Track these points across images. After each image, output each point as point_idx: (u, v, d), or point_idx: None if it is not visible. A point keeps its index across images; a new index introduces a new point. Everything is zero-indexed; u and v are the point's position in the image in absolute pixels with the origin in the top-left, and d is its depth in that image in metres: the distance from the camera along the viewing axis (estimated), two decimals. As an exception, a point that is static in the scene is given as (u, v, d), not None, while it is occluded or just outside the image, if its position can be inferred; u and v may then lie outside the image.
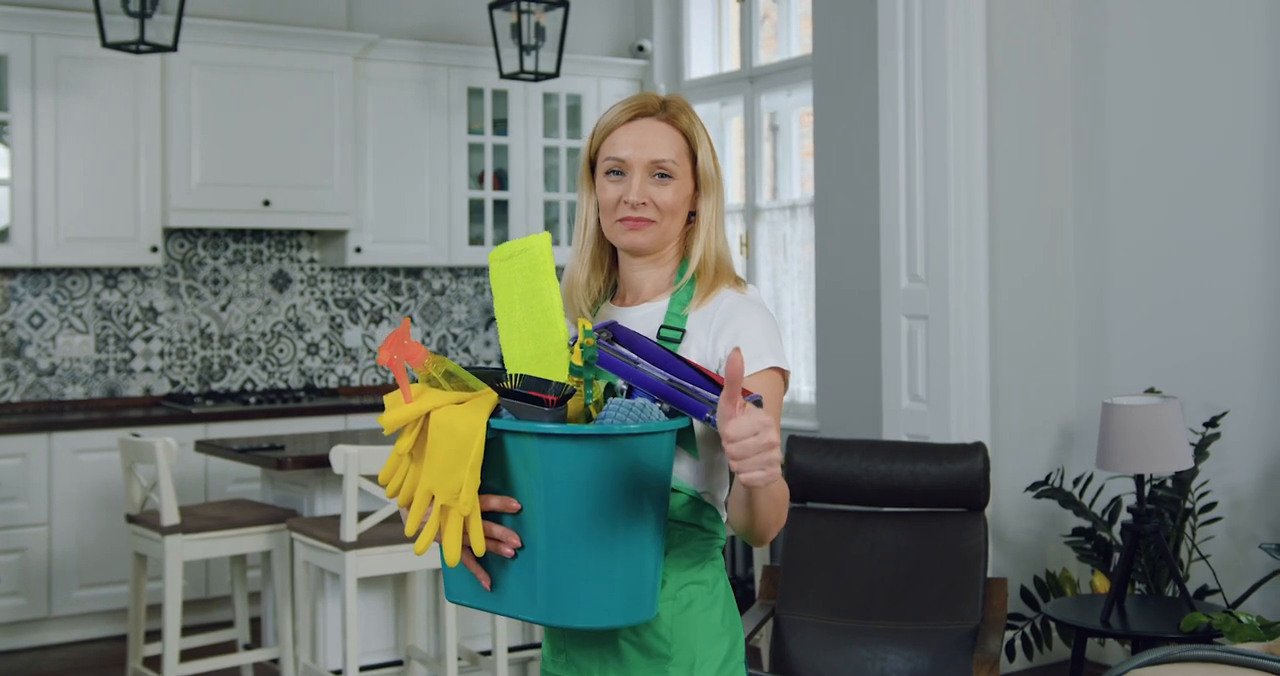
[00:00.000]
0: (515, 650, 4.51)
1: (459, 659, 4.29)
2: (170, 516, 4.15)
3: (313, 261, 6.44)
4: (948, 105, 4.61)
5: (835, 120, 5.61)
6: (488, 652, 4.35)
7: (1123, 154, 4.82)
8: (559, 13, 6.04)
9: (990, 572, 4.32)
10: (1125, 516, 4.56)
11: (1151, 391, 4.41)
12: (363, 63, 6.21)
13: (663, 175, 1.91)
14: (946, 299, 4.62)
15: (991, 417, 4.71)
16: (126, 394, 6.00)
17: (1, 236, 5.51)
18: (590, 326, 1.78)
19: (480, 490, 1.71)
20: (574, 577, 1.66)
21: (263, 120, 5.92)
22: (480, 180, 6.61)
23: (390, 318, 6.63)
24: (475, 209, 6.57)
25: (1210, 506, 4.32)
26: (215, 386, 6.21)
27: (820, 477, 3.95)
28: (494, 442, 1.70)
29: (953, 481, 3.85)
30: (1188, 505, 4.31)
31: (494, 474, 1.72)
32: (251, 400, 5.96)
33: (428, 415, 1.70)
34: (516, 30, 5.95)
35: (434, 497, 1.70)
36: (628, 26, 7.10)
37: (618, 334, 1.83)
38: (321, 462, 4.22)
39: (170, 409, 5.74)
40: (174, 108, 5.75)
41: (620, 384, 1.78)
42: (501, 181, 6.65)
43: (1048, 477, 4.52)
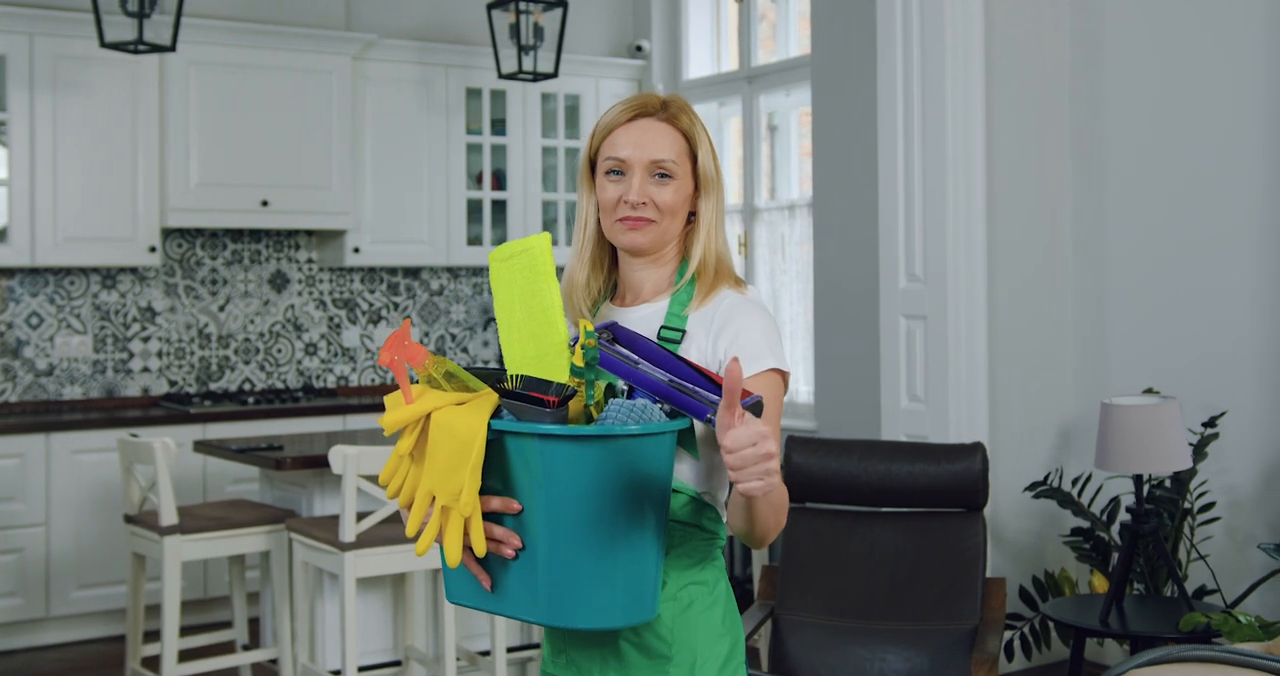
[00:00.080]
0: (514, 650, 4.51)
1: (457, 659, 4.29)
2: (169, 516, 4.15)
3: (311, 261, 6.44)
4: (946, 105, 4.61)
5: (834, 120, 5.61)
6: (486, 653, 4.35)
7: (1121, 154, 4.82)
8: (557, 13, 6.04)
9: (989, 572, 4.32)
10: (1124, 516, 4.56)
11: (1150, 391, 4.42)
12: (361, 63, 6.21)
13: (663, 175, 1.91)
14: (945, 299, 4.62)
15: (990, 418, 4.71)
16: (125, 394, 6.00)
17: (-1, 236, 5.52)
18: (592, 327, 1.77)
19: (481, 491, 1.71)
20: (575, 578, 1.66)
21: (261, 120, 5.92)
22: (478, 180, 6.61)
23: (388, 318, 6.63)
24: (473, 209, 6.57)
25: (1209, 506, 4.32)
26: (213, 386, 6.20)
27: (819, 478, 3.95)
28: (495, 443, 1.69)
29: (951, 481, 3.85)
30: (1186, 505, 4.31)
31: (495, 475, 1.72)
32: (250, 400, 5.96)
33: (428, 416, 1.70)
34: (515, 30, 5.95)
35: (435, 498, 1.70)
36: (626, 27, 7.10)
37: (618, 334, 1.83)
38: (320, 463, 4.21)
39: (168, 409, 5.74)
40: (172, 108, 5.74)
41: (621, 384, 1.78)
42: (500, 181, 6.64)
43: (1046, 478, 4.53)
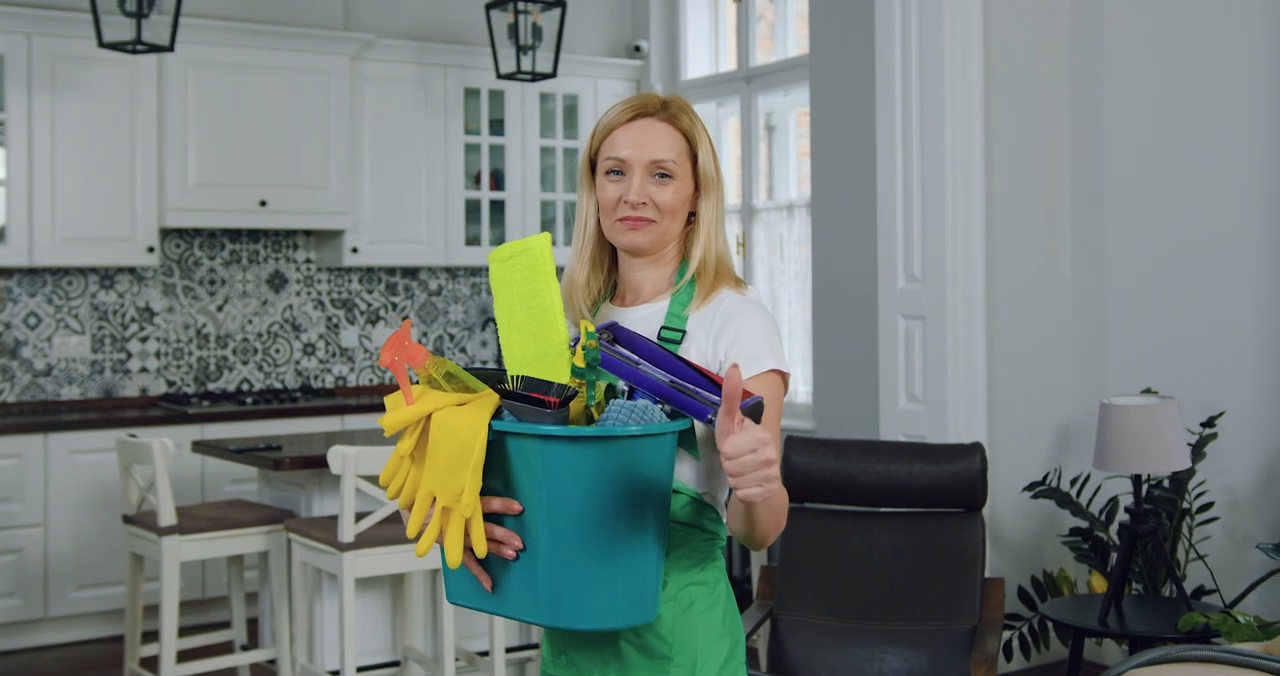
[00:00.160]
0: (513, 651, 4.51)
1: (456, 659, 4.29)
2: (167, 517, 4.14)
3: (309, 261, 6.44)
4: (945, 105, 4.61)
5: (832, 120, 5.61)
6: (485, 653, 4.34)
7: (1120, 154, 4.82)
8: (556, 13, 6.04)
9: (988, 572, 4.32)
10: (1122, 516, 4.56)
11: (1149, 391, 4.42)
12: (359, 63, 6.21)
13: (663, 175, 1.91)
14: (944, 299, 4.62)
15: (989, 418, 4.72)
16: (123, 394, 6.00)
17: (-3, 237, 5.52)
18: (593, 328, 1.77)
19: (482, 492, 1.71)
20: (576, 579, 1.66)
21: (259, 120, 5.91)
22: (477, 180, 6.60)
23: (387, 318, 6.63)
24: (472, 209, 6.57)
25: (1207, 506, 4.32)
26: (212, 387, 6.20)
27: (818, 478, 3.95)
28: (495, 444, 1.69)
29: (950, 481, 3.85)
30: (1185, 505, 4.31)
31: (496, 476, 1.72)
32: (248, 400, 5.95)
33: (429, 417, 1.70)
34: (513, 30, 5.94)
35: (435, 499, 1.70)
36: (624, 27, 7.10)
37: (618, 335, 1.83)
38: (319, 463, 4.21)
39: (166, 409, 5.73)
40: (170, 108, 5.74)
41: (621, 385, 1.77)
42: (498, 182, 6.64)
43: (1045, 478, 4.53)
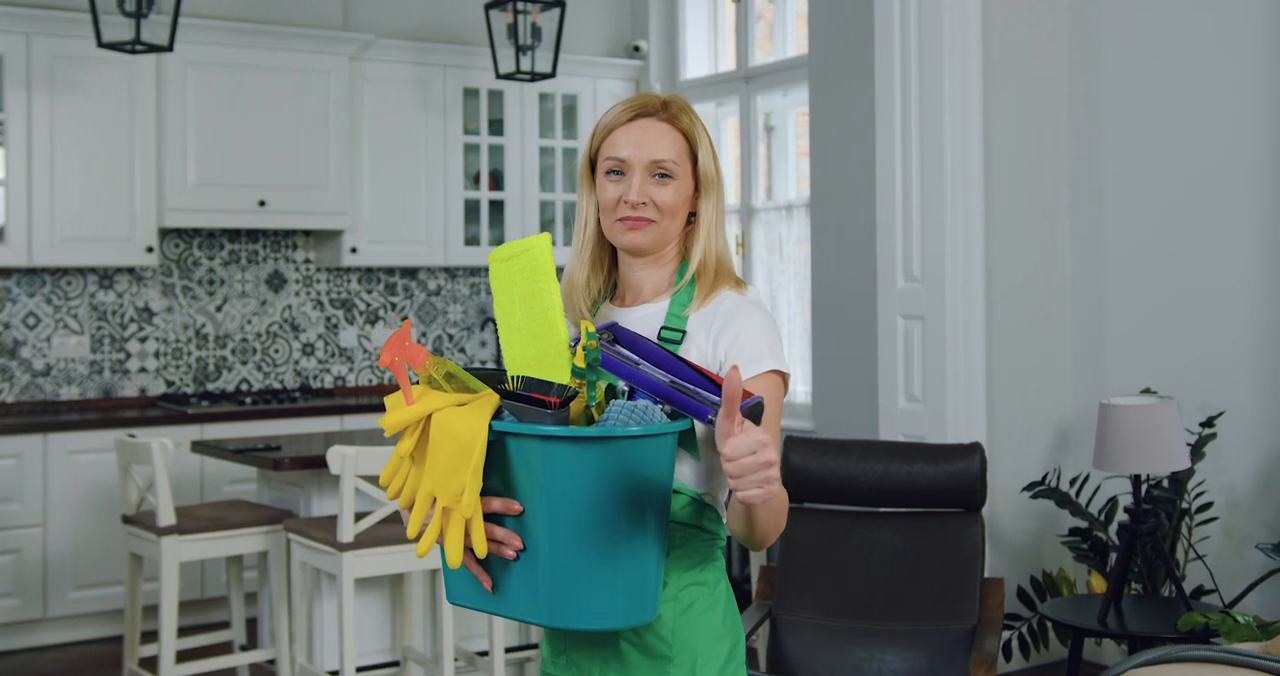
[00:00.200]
0: (512, 651, 4.51)
1: (455, 659, 4.29)
2: (166, 517, 4.14)
3: (308, 262, 6.43)
4: (944, 105, 4.61)
5: (831, 120, 5.61)
6: (484, 653, 4.34)
7: (1119, 154, 4.82)
8: (555, 13, 6.04)
9: (987, 573, 4.32)
10: (1122, 516, 4.56)
11: (1148, 391, 4.42)
12: (358, 63, 6.20)
13: (663, 175, 1.91)
14: (943, 299, 4.63)
15: (988, 418, 4.72)
16: (122, 394, 5.99)
17: (-4, 237, 5.52)
18: (593, 328, 1.77)
19: (482, 492, 1.71)
20: (576, 579, 1.66)
21: (258, 120, 5.91)
22: (476, 180, 6.60)
23: (386, 318, 6.63)
24: (471, 209, 6.57)
25: (1207, 506, 4.32)
26: (211, 387, 6.20)
27: (817, 478, 3.95)
28: (496, 445, 1.69)
29: (949, 482, 3.85)
30: (1184, 505, 4.31)
31: (496, 476, 1.71)
32: (247, 401, 5.95)
33: (429, 417, 1.70)
34: (512, 30, 5.94)
35: (436, 500, 1.70)
36: (623, 27, 7.10)
37: (619, 335, 1.82)
38: (318, 463, 4.21)
39: (166, 409, 5.73)
40: (169, 108, 5.74)
41: (621, 385, 1.77)
42: (497, 182, 6.64)
43: (1044, 478, 4.53)
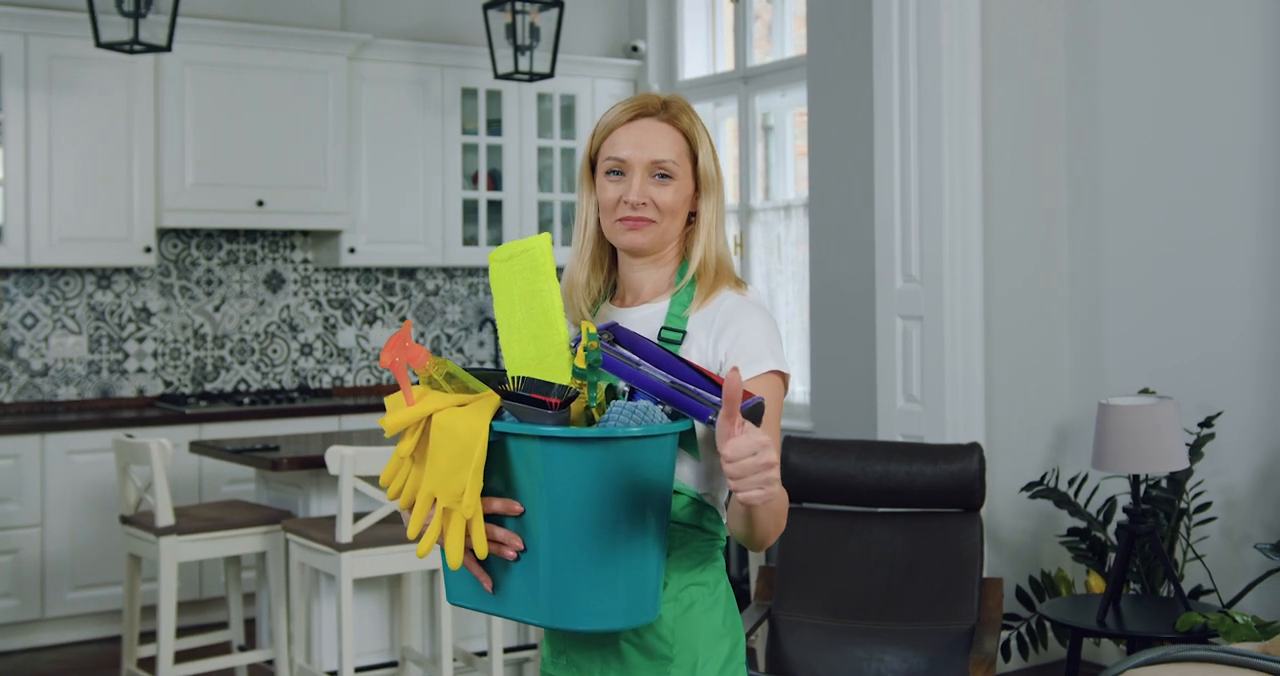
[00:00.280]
0: (511, 651, 4.51)
1: (454, 660, 4.29)
2: (165, 517, 4.14)
3: (306, 262, 6.43)
4: (942, 105, 4.61)
5: (829, 120, 5.61)
6: (483, 653, 4.34)
7: (1118, 154, 4.83)
8: (553, 13, 6.04)
9: (986, 573, 4.32)
10: (1120, 516, 4.57)
11: (1146, 392, 4.42)
12: (357, 63, 6.20)
13: (663, 175, 1.90)
14: (941, 299, 4.63)
15: (986, 418, 4.72)
16: (120, 395, 5.99)
17: (-6, 237, 5.51)
18: (594, 329, 1.77)
19: (483, 493, 1.71)
20: (577, 580, 1.66)
21: (256, 120, 5.91)
22: (474, 181, 6.60)
23: (384, 318, 6.62)
24: (469, 209, 6.57)
25: (1205, 506, 4.33)
26: (209, 387, 6.19)
27: (816, 478, 3.95)
28: (496, 445, 1.69)
29: (948, 482, 3.85)
30: (1182, 505, 4.31)
31: (496, 476, 1.71)
32: (245, 401, 5.95)
33: (430, 418, 1.70)
34: (511, 30, 5.94)
35: (436, 500, 1.70)
36: (622, 27, 7.10)
37: (619, 335, 1.82)
38: (316, 463, 4.21)
39: (164, 410, 5.73)
40: (168, 108, 5.73)
41: (622, 386, 1.77)
42: (495, 182, 6.64)
43: (1043, 478, 4.53)
